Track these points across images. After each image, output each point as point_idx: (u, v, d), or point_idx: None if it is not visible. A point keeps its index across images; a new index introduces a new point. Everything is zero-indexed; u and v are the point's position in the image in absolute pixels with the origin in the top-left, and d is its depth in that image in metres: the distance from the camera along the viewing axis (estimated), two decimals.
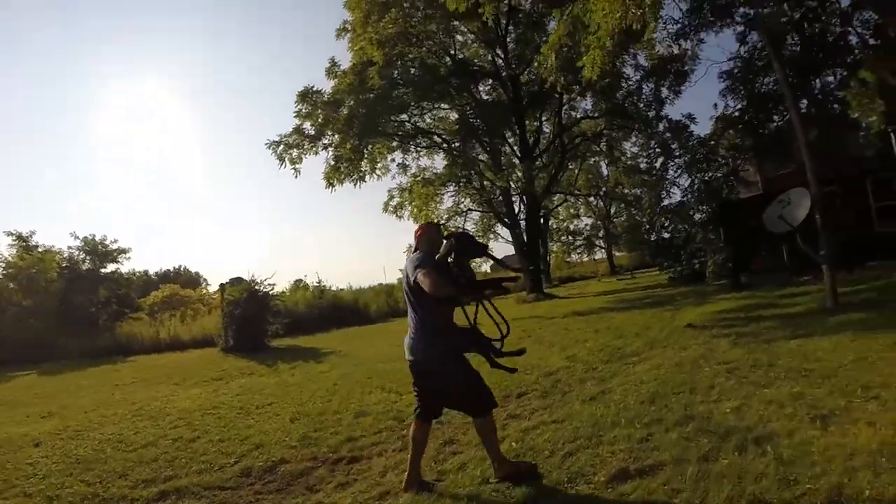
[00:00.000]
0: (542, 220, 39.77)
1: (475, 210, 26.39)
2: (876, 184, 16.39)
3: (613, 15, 7.99)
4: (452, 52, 24.84)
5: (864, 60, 14.74)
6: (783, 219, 9.70)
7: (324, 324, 20.86)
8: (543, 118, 27.18)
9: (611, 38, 8.36)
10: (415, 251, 4.01)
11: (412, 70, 22.42)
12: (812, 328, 7.81)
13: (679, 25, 15.11)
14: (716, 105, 16.59)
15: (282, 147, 22.17)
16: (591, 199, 40.56)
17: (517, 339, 11.34)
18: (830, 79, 15.84)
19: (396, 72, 21.76)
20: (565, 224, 43.63)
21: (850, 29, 15.19)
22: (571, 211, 42.80)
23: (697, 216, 17.15)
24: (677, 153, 17.41)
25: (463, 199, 26.39)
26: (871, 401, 4.33)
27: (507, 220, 25.41)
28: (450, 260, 3.82)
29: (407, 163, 26.08)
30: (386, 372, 9.09)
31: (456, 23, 23.70)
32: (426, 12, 21.88)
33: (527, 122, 26.49)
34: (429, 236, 4.04)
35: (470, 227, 26.91)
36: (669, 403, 5.06)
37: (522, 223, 25.53)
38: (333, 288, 25.90)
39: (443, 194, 25.63)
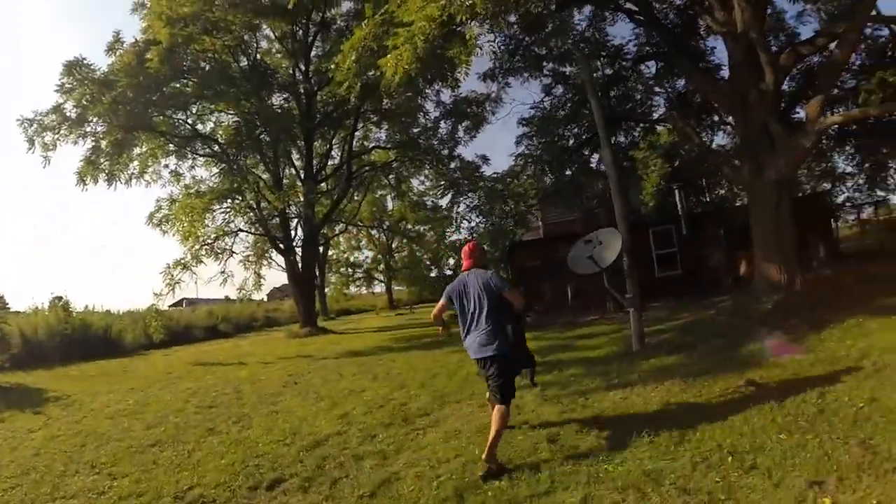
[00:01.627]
0: (321, 249, 37.86)
1: (247, 231, 23.35)
2: (655, 234, 18.41)
3: (437, 2, 6.78)
4: (251, 53, 22.10)
5: (667, 119, 16.24)
6: (592, 259, 9.32)
7: (69, 354, 16.56)
8: (334, 142, 25.56)
9: (424, 36, 7.11)
10: (467, 268, 5.19)
11: (202, 63, 19.21)
12: (626, 376, 7.31)
13: (491, 65, 15.04)
14: (517, 143, 16.53)
15: (35, 127, 17.03)
16: (374, 231, 39.76)
17: (280, 388, 9.38)
18: (622, 139, 17.09)
19: (185, 62, 18.38)
20: (346, 255, 42.14)
21: (657, 91, 16.91)
22: (353, 242, 41.51)
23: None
24: (468, 191, 17.24)
25: (235, 218, 23.13)
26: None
27: (282, 245, 22.94)
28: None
29: (181, 171, 22.42)
30: (108, 435, 6.70)
31: (263, 24, 21.29)
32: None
33: (317, 144, 24.64)
34: (482, 254, 5.28)
35: (239, 248, 23.86)
36: (487, 501, 3.65)
37: (299, 250, 23.27)
38: (91, 309, 21.53)
39: (215, 210, 22.21)
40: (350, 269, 41.30)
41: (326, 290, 40.92)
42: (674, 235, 18.43)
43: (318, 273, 37.36)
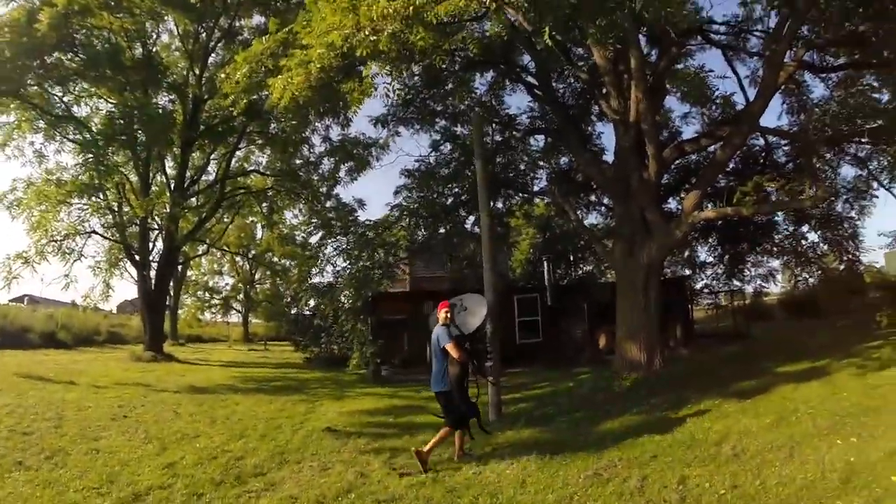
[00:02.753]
0: (179, 268, 35.05)
1: (102, 235, 20.87)
2: (521, 301, 18.93)
3: (341, 31, 6.48)
4: (149, 44, 20.35)
5: (546, 193, 16.85)
6: (455, 325, 9.16)
7: None
8: (213, 157, 24.00)
9: (321, 64, 6.76)
10: (440, 323, 6.71)
11: (94, 40, 17.27)
12: (481, 448, 6.98)
13: (384, 110, 14.86)
14: (396, 192, 16.31)
15: None
16: (238, 258, 37.60)
17: (108, 420, 8.23)
18: (499, 205, 17.53)
19: (77, 35, 16.41)
20: (205, 279, 39.21)
21: (541, 165, 17.62)
22: (215, 266, 38.84)
23: (347, 301, 16.49)
24: (338, 233, 16.75)
25: (90, 217, 20.64)
26: None
27: (137, 257, 20.82)
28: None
29: (45, 153, 19.83)
30: None
31: (168, 16, 19.92)
32: None
33: (195, 155, 23.08)
34: (446, 313, 6.76)
35: (90, 252, 21.37)
36: None
37: (154, 265, 21.27)
38: None
39: (72, 205, 19.67)
40: (208, 294, 38.36)
41: (179, 311, 37.76)
42: (538, 304, 19.09)
43: (171, 293, 34.50)
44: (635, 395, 9.96)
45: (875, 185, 16.04)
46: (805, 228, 17.76)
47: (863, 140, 13.59)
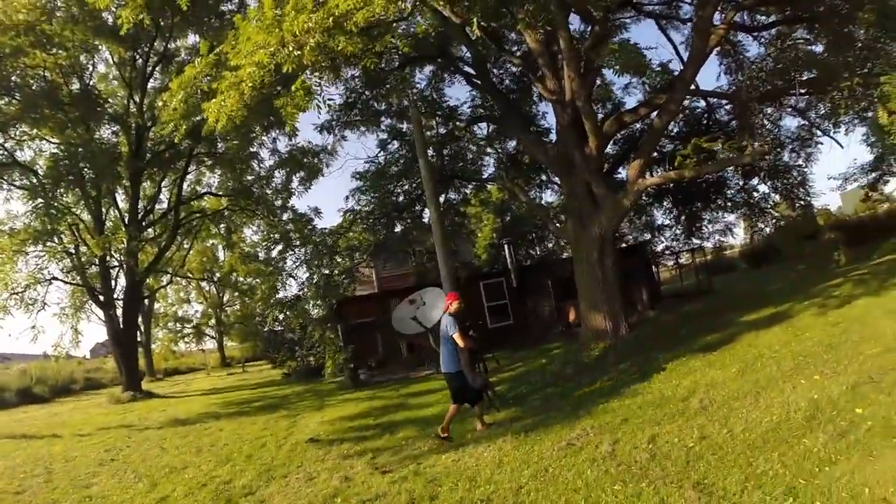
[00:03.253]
0: (146, 302, 34.35)
1: (63, 280, 20.33)
2: (487, 287, 19.10)
3: (267, 49, 6.53)
4: (85, 77, 19.83)
5: (495, 179, 17.05)
6: (416, 320, 9.28)
7: None
8: (164, 185, 23.55)
9: (252, 83, 6.79)
10: (445, 310, 7.46)
11: (30, 80, 16.81)
12: (460, 436, 7.12)
13: (328, 116, 14.80)
14: (347, 198, 16.34)
15: None
16: (204, 283, 37.02)
17: (96, 467, 8.19)
18: (453, 195, 17.67)
19: (12, 77, 15.95)
20: (174, 309, 38.45)
21: (488, 152, 17.85)
22: (182, 295, 38.12)
23: (315, 311, 16.54)
24: (297, 244, 16.75)
25: (48, 264, 20.04)
26: None
27: (101, 297, 20.37)
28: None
29: None
30: None
31: (101, 46, 19.43)
32: (72, 12, 16.91)
33: (145, 185, 22.77)
34: (451, 303, 7.42)
35: (54, 299, 20.84)
36: None
37: (120, 304, 20.81)
38: None
39: (28, 254, 19.10)
40: (179, 325, 37.66)
41: (153, 346, 36.97)
42: (505, 288, 19.24)
43: (142, 329, 33.84)
44: (604, 364, 10.16)
45: (819, 133, 16.59)
46: (755, 181, 18.34)
47: (802, 92, 13.94)
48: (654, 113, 12.82)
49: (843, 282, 11.94)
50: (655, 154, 14.64)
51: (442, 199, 16.68)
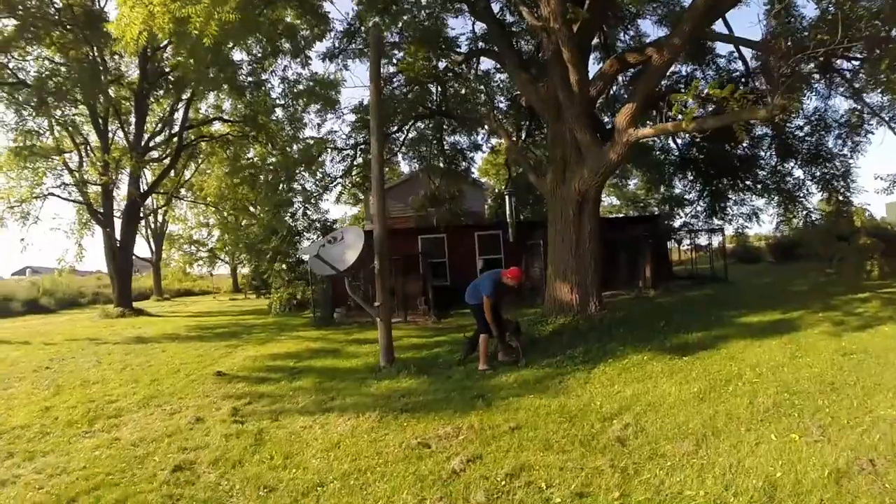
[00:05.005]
0: (159, 223, 35.39)
1: (62, 197, 21.08)
2: (481, 238, 18.54)
3: None
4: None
5: (483, 119, 16.13)
6: (320, 257, 7.95)
7: None
8: (179, 107, 23.65)
9: None
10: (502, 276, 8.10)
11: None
12: (344, 397, 6.55)
13: (331, 44, 14.43)
14: (350, 134, 16.33)
15: None
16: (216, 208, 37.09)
17: (30, 372, 8.85)
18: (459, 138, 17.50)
19: None
20: (191, 232, 39.27)
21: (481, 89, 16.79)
22: (202, 219, 38.84)
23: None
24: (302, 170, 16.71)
25: (47, 178, 20.73)
26: None
27: (101, 216, 21.09)
28: None
29: (5, 119, 19.75)
30: None
31: None
32: None
33: (155, 108, 23.30)
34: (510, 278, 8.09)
35: (50, 213, 21.66)
36: None
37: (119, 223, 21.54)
38: None
39: (37, 168, 19.86)
40: (194, 247, 38.61)
41: (170, 266, 38.24)
42: (501, 242, 18.36)
43: (153, 249, 35.02)
44: (551, 344, 8.78)
45: (873, 120, 14.16)
46: (791, 164, 16.12)
47: (849, 51, 10.85)
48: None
49: (870, 297, 10.37)
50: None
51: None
